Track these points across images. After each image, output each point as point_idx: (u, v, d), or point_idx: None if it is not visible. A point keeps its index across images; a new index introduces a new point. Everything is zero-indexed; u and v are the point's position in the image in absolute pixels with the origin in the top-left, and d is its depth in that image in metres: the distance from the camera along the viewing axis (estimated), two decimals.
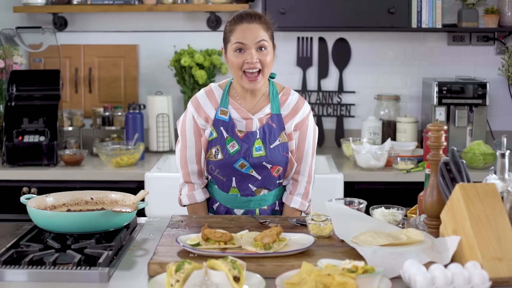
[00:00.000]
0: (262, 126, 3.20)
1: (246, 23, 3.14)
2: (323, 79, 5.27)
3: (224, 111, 3.23)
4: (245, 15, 3.17)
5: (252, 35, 3.13)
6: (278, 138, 3.20)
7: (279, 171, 3.22)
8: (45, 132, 4.62)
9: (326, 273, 2.13)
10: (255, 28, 3.14)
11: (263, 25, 3.16)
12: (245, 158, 3.18)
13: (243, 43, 3.12)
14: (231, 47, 3.16)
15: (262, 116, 3.23)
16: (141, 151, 4.73)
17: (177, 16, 5.27)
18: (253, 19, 3.15)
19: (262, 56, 3.14)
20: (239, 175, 3.20)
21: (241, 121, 3.22)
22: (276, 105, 3.23)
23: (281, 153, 3.20)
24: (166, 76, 5.27)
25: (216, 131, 3.21)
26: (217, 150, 3.19)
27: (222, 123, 3.21)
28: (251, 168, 3.19)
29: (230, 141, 3.19)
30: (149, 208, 4.26)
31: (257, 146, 3.18)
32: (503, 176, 2.67)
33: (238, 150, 3.18)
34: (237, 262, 2.19)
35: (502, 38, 5.15)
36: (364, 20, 4.84)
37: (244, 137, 3.19)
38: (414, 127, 5.00)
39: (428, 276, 2.16)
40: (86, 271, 2.37)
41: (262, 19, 3.17)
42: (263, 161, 3.18)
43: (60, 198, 3.02)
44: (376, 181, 4.50)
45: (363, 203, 3.00)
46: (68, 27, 5.28)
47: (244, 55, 3.13)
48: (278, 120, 3.22)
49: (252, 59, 3.11)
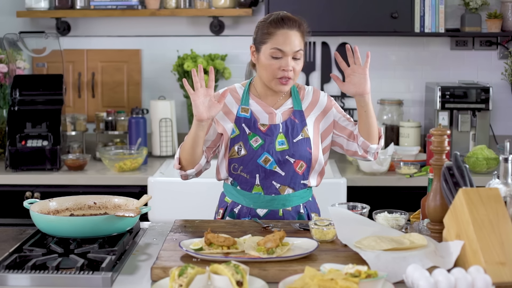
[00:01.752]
0: (285, 121, 3.21)
1: (287, 29, 3.14)
2: (326, 84, 5.27)
3: (245, 108, 3.23)
4: (286, 20, 3.16)
5: (292, 43, 3.13)
6: (300, 133, 3.20)
7: (303, 167, 3.19)
8: (48, 136, 4.63)
9: (329, 277, 2.13)
10: (295, 36, 3.14)
11: (301, 32, 3.17)
12: (268, 152, 3.17)
13: (282, 51, 3.12)
14: (268, 51, 3.15)
15: (285, 110, 3.24)
16: (144, 156, 4.74)
17: (180, 21, 5.28)
18: (293, 26, 3.15)
19: (297, 65, 3.15)
20: (262, 171, 3.18)
21: (264, 114, 3.23)
22: (298, 102, 3.25)
23: (304, 147, 3.18)
24: (169, 81, 5.28)
25: (238, 129, 3.20)
26: (240, 146, 3.18)
27: (243, 120, 3.21)
28: (275, 163, 3.17)
29: (253, 137, 3.18)
30: (152, 213, 4.26)
31: (280, 140, 3.18)
32: (506, 181, 2.67)
33: (261, 144, 3.17)
34: (240, 267, 2.19)
35: (505, 43, 5.15)
36: (367, 24, 4.85)
37: (267, 131, 3.19)
38: (417, 131, 5.00)
39: (431, 281, 2.16)
40: (89, 276, 2.37)
41: (301, 27, 3.18)
42: (286, 154, 3.17)
43: (63, 202, 3.02)
44: (379, 186, 4.50)
45: (366, 207, 3.00)
46: (71, 31, 5.29)
47: (280, 61, 3.13)
48: (300, 116, 3.23)
49: (287, 66, 3.12)
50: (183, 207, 4.19)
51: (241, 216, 3.24)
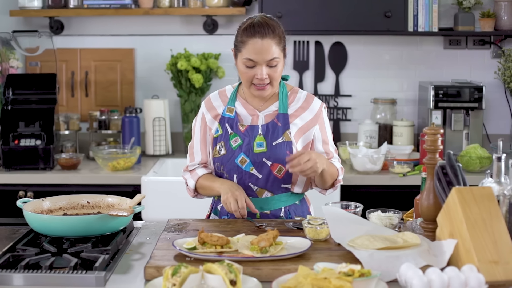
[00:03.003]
0: (267, 124, 3.18)
1: (258, 38, 3.06)
2: (320, 83, 5.27)
3: (231, 108, 3.22)
4: (258, 28, 3.07)
5: (264, 52, 3.06)
6: (281, 136, 3.15)
7: (282, 171, 3.14)
8: (42, 136, 4.62)
9: (323, 276, 2.13)
10: (267, 45, 3.06)
11: (276, 39, 3.09)
12: (246, 153, 3.15)
13: (254, 61, 3.07)
14: (241, 59, 3.10)
15: (269, 113, 3.22)
16: (138, 155, 4.73)
17: (174, 20, 5.27)
18: (266, 34, 3.06)
19: (273, 72, 3.10)
20: (240, 172, 3.16)
21: (247, 116, 3.21)
22: (284, 105, 3.21)
23: (283, 151, 3.14)
24: (162, 80, 5.27)
25: (221, 128, 3.20)
26: (221, 146, 3.18)
27: (227, 120, 3.20)
28: (252, 165, 3.15)
29: (234, 136, 3.17)
30: (145, 212, 4.25)
31: (258, 142, 3.15)
32: (499, 180, 2.67)
33: (240, 145, 3.16)
34: (233, 266, 2.19)
35: (498, 42, 5.15)
36: (360, 24, 4.85)
37: (245, 131, 3.17)
38: (411, 130, 5.01)
39: (425, 280, 2.16)
40: (83, 275, 2.37)
41: (275, 32, 3.09)
42: (263, 157, 3.14)
43: (57, 202, 3.02)
44: (373, 185, 4.50)
45: (359, 206, 3.00)
46: (64, 30, 5.28)
47: (254, 70, 3.09)
48: (284, 119, 3.18)
49: (261, 75, 3.08)
50: (177, 206, 4.18)
51: (222, 215, 3.25)
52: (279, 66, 3.12)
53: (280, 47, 3.12)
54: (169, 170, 4.88)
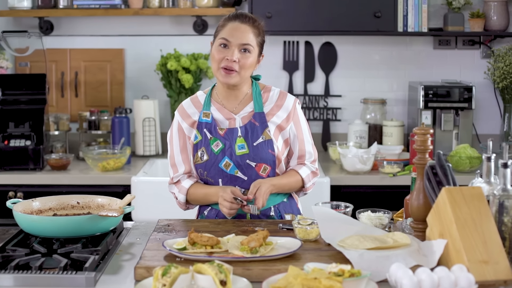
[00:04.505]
0: (245, 125, 3.17)
1: (238, 22, 3.13)
2: (310, 83, 5.28)
3: (207, 113, 3.21)
4: (240, 15, 3.16)
5: (240, 35, 3.11)
6: (261, 136, 3.15)
7: (267, 170, 3.16)
8: (31, 136, 4.61)
9: (313, 276, 2.14)
10: (244, 29, 3.12)
11: (254, 29, 3.14)
12: (229, 156, 3.14)
13: (228, 40, 3.10)
14: (217, 41, 3.14)
15: (245, 115, 3.21)
16: (128, 155, 4.73)
17: (164, 20, 5.27)
18: (246, 20, 3.14)
19: (243, 58, 3.11)
20: (225, 176, 3.16)
21: (224, 121, 3.20)
22: (259, 104, 3.21)
23: (265, 150, 3.14)
24: (152, 80, 5.27)
25: (200, 134, 3.19)
26: (203, 151, 3.17)
27: (205, 125, 3.19)
28: (236, 168, 3.15)
29: (214, 141, 3.16)
30: (135, 212, 4.26)
31: (239, 144, 3.14)
32: (489, 180, 2.68)
33: (222, 149, 3.15)
34: (223, 266, 2.19)
35: (487, 42, 5.17)
36: (350, 24, 4.85)
37: (225, 134, 3.16)
38: (400, 130, 5.02)
39: (415, 280, 2.17)
40: (73, 276, 2.36)
41: (255, 23, 3.16)
42: (247, 159, 3.14)
43: (46, 202, 3.01)
44: (363, 185, 4.51)
45: (349, 206, 3.00)
46: (54, 31, 5.27)
47: (226, 51, 3.10)
48: (261, 118, 3.18)
49: (232, 56, 3.09)
50: (167, 207, 4.17)
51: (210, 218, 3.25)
52: (252, 56, 3.13)
53: (257, 40, 3.16)
54: (159, 170, 4.87)
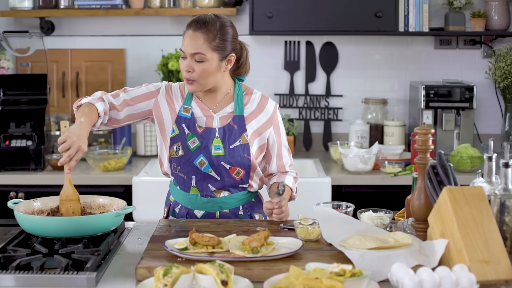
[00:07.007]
0: (223, 127, 3.16)
1: (191, 30, 3.07)
2: (311, 83, 5.28)
3: (187, 108, 3.19)
4: (193, 22, 3.09)
5: (191, 44, 3.05)
6: (238, 139, 3.15)
7: (240, 174, 3.16)
8: (32, 136, 4.61)
9: (314, 276, 2.14)
10: (196, 38, 3.04)
11: (206, 34, 3.04)
12: (204, 154, 3.13)
13: (183, 51, 3.08)
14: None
15: (224, 115, 3.19)
16: (129, 156, 4.73)
17: (165, 20, 5.27)
18: (198, 27, 3.05)
19: (197, 67, 3.05)
20: (198, 173, 3.15)
21: (202, 117, 3.18)
22: (240, 107, 3.19)
23: (241, 154, 3.14)
24: (153, 80, 5.26)
25: (178, 128, 3.17)
26: (178, 146, 3.16)
27: (184, 120, 3.17)
28: (210, 167, 3.13)
29: (191, 138, 3.15)
30: (136, 213, 4.26)
31: (216, 145, 3.13)
32: (490, 179, 2.68)
33: (198, 146, 3.13)
34: (225, 266, 2.19)
35: (489, 42, 5.16)
36: (351, 24, 4.85)
37: (203, 133, 3.15)
38: (402, 130, 5.01)
39: (416, 279, 2.17)
40: (74, 276, 2.36)
41: (208, 27, 3.06)
42: (222, 160, 3.13)
43: (48, 202, 3.01)
44: (364, 185, 4.50)
45: (350, 206, 3.00)
46: (55, 31, 5.27)
47: (184, 62, 3.09)
48: (240, 122, 3.17)
49: (187, 67, 3.07)
50: None
51: (179, 216, 3.24)
52: (207, 63, 3.06)
53: (212, 44, 3.05)
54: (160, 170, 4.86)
